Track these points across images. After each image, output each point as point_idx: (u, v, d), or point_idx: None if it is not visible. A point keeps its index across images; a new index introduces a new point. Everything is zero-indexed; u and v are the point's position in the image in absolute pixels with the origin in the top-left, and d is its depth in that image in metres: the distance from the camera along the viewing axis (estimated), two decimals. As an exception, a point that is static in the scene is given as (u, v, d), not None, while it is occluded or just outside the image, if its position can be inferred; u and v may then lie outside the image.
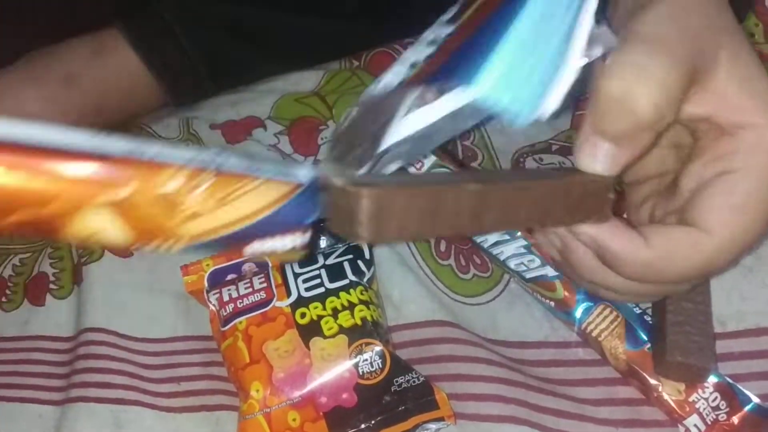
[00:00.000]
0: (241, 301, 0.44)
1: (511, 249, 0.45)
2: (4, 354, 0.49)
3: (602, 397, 0.42)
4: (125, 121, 0.61)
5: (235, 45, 0.61)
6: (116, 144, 0.24)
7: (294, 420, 0.41)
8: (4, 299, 0.51)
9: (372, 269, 0.45)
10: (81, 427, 0.44)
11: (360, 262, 0.45)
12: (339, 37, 0.61)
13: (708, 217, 0.32)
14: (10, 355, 0.49)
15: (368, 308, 0.43)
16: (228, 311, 0.44)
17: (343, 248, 0.46)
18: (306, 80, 0.59)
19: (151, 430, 0.43)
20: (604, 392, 0.42)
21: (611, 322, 0.42)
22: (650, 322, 0.42)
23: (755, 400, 0.39)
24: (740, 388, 0.40)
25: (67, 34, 0.60)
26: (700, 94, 0.32)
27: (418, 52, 0.34)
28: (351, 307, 0.43)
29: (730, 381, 0.40)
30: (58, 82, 0.57)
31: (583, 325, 0.42)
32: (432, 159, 0.48)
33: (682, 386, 0.40)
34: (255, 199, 0.26)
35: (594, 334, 0.42)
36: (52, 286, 0.51)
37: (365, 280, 0.44)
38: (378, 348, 0.41)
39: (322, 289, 0.43)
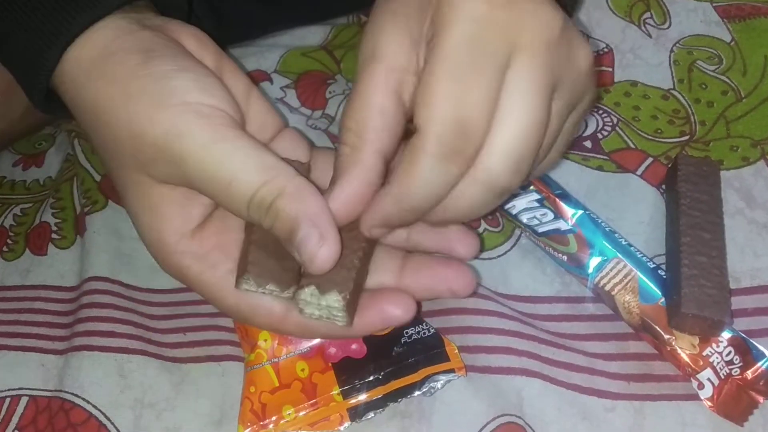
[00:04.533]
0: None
1: (523, 203, 0.44)
2: (6, 303, 0.48)
3: (614, 352, 0.42)
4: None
5: (241, -1, 0.60)
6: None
7: (302, 370, 0.41)
8: (5, 249, 0.50)
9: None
10: (84, 375, 0.43)
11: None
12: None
13: (415, 110, 0.33)
14: (12, 304, 0.48)
15: (379, 259, 0.42)
16: (235, 261, 0.44)
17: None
18: (313, 35, 0.58)
19: (155, 380, 0.43)
20: (615, 347, 0.42)
21: (625, 276, 0.41)
22: (664, 277, 0.41)
23: (769, 355, 0.39)
24: (754, 343, 0.39)
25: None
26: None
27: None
28: (361, 257, 0.42)
29: (744, 336, 0.40)
30: None
31: (596, 279, 0.42)
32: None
33: (695, 340, 0.40)
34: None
35: (607, 288, 0.42)
36: (54, 236, 0.50)
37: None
38: (389, 298, 0.41)
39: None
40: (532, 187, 0.44)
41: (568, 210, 0.43)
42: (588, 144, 0.49)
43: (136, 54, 0.35)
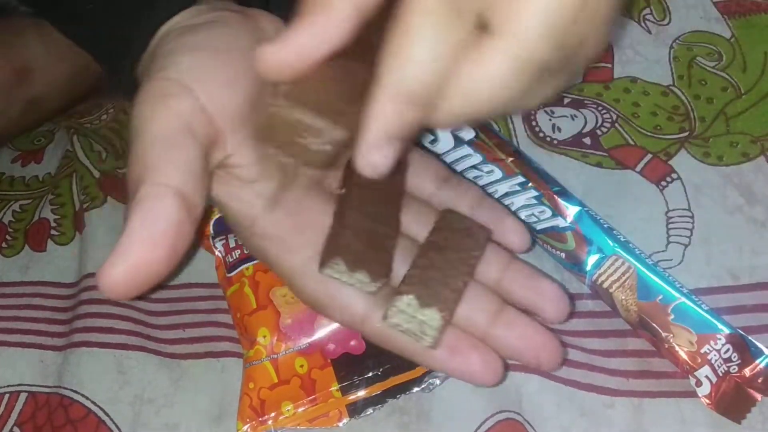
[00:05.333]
0: (247, 247, 0.43)
1: (521, 200, 0.44)
2: (5, 299, 0.48)
3: (612, 348, 0.41)
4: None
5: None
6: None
7: (301, 366, 0.41)
8: (4, 245, 0.50)
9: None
10: (83, 371, 0.43)
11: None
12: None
13: None
14: (11, 300, 0.48)
15: (377, 256, 0.42)
16: (234, 257, 0.44)
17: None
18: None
19: (154, 376, 0.43)
20: (614, 343, 0.42)
21: (623, 274, 0.41)
22: (662, 272, 0.41)
23: (767, 352, 0.39)
24: (752, 340, 0.39)
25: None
26: None
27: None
28: (360, 254, 0.42)
29: (743, 333, 0.40)
30: None
31: (594, 277, 0.42)
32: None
33: (694, 338, 0.40)
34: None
35: (605, 285, 0.41)
36: (53, 232, 0.50)
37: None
38: (388, 295, 0.41)
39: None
40: (530, 184, 0.44)
41: (566, 207, 0.43)
42: (587, 140, 0.48)
43: (186, 28, 0.35)
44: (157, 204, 0.29)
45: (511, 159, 0.45)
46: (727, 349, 0.39)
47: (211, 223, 0.46)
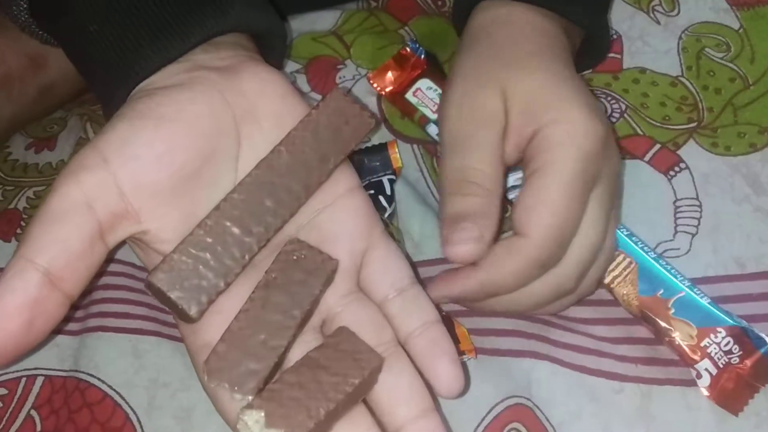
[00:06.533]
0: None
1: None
2: (21, 284, 0.48)
3: (620, 336, 0.42)
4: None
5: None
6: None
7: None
8: (18, 231, 0.51)
9: (393, 205, 0.45)
10: (99, 356, 0.44)
11: (381, 198, 0.45)
12: (356, -23, 0.60)
13: (523, 219, 0.36)
14: (26, 286, 0.48)
15: (390, 243, 0.42)
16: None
17: (365, 183, 0.45)
18: (323, 20, 0.58)
19: (169, 361, 0.43)
20: (622, 331, 0.42)
21: (624, 269, 0.42)
22: (664, 266, 0.42)
23: (769, 341, 0.40)
24: (755, 331, 0.40)
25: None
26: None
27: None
28: (373, 241, 0.42)
29: (745, 325, 0.40)
30: None
31: (598, 272, 0.42)
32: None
33: (694, 331, 0.40)
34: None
35: (606, 281, 0.42)
36: (67, 218, 0.51)
37: (386, 215, 0.44)
38: (400, 282, 0.41)
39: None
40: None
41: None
42: (596, 130, 0.49)
43: (151, 91, 0.35)
44: (17, 278, 0.29)
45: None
46: (728, 342, 0.40)
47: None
